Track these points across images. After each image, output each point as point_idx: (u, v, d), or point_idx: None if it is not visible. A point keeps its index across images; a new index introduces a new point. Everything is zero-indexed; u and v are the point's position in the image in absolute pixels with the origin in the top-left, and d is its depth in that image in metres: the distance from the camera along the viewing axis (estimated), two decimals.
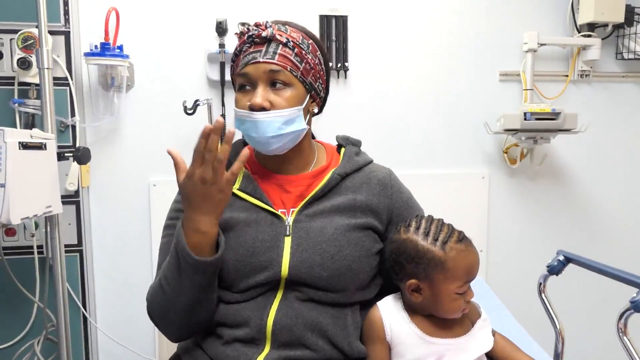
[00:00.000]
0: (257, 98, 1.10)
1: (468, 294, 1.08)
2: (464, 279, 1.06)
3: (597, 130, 2.46)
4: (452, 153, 2.41)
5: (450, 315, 1.09)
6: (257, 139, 1.13)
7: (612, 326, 1.36)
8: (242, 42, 1.14)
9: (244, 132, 1.14)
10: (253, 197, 1.16)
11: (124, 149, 2.15)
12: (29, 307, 2.04)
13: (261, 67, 1.11)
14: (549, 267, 1.61)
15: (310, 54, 1.17)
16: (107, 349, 2.19)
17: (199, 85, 2.17)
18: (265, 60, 1.11)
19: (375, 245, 1.17)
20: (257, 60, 1.11)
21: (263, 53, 1.11)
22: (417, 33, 2.32)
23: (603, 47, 2.39)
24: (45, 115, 1.69)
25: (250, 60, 1.12)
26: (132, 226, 2.17)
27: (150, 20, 2.11)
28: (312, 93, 1.18)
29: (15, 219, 1.41)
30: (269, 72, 1.11)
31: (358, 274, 1.13)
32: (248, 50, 1.13)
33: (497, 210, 2.47)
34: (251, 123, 1.12)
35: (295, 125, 1.13)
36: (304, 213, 1.15)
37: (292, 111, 1.13)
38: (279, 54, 1.11)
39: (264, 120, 1.10)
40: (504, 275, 2.47)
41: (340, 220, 1.14)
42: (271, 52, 1.11)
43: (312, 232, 1.12)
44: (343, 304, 1.13)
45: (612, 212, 2.58)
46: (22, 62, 1.85)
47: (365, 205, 1.17)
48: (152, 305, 1.16)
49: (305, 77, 1.15)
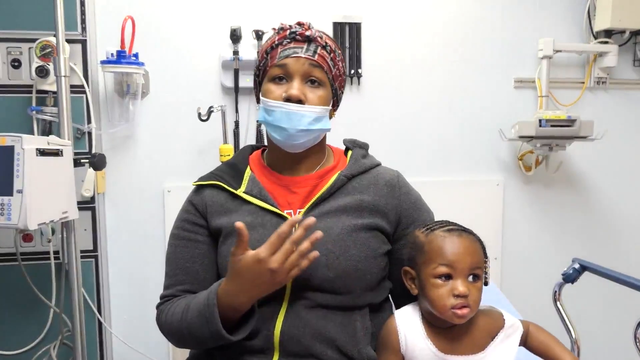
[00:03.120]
0: (294, 90, 1.13)
1: (455, 287, 1.03)
2: (439, 261, 1.04)
3: (614, 138, 2.43)
4: (467, 160, 2.39)
5: (442, 312, 1.04)
6: (288, 130, 1.13)
7: (628, 335, 1.34)
8: (281, 36, 1.16)
9: (272, 122, 1.15)
10: (259, 199, 1.16)
11: (139, 155, 2.17)
12: (45, 312, 2.06)
13: (302, 61, 1.14)
14: (564, 275, 1.59)
15: (340, 62, 1.21)
16: (122, 354, 2.20)
17: (213, 92, 2.18)
18: (307, 56, 1.14)
19: (383, 246, 1.16)
20: (298, 55, 1.14)
21: (305, 50, 1.14)
22: (430, 40, 2.32)
23: (620, 54, 2.37)
24: (62, 122, 1.71)
25: (291, 53, 1.14)
26: (146, 232, 2.18)
27: (165, 28, 2.13)
28: (334, 99, 1.21)
29: (32, 224, 1.43)
30: (309, 66, 1.14)
31: (365, 274, 1.12)
32: (288, 45, 1.15)
33: (512, 217, 2.45)
34: (284, 114, 1.13)
35: (322, 124, 1.16)
36: (311, 214, 1.14)
37: (322, 109, 1.16)
38: (319, 54, 1.15)
39: (298, 112, 1.13)
40: (519, 283, 2.45)
41: (346, 220, 1.14)
42: (312, 50, 1.15)
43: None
44: (351, 307, 1.12)
45: (628, 220, 2.54)
46: (40, 70, 1.88)
47: (373, 205, 1.17)
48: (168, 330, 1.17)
49: (334, 81, 1.19)
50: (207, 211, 1.20)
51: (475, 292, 1.05)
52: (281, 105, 1.13)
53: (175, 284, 1.20)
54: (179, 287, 1.19)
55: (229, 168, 1.25)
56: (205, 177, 1.25)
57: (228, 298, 1.03)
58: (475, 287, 1.05)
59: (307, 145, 1.18)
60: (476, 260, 1.06)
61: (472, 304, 1.04)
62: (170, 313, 1.15)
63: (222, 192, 1.21)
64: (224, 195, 1.20)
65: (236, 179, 1.22)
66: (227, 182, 1.21)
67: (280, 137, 1.16)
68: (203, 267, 1.19)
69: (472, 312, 1.05)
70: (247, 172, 1.23)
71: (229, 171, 1.24)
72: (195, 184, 1.25)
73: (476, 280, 1.05)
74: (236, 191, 1.19)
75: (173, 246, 1.23)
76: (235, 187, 1.19)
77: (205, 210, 1.20)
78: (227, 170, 1.25)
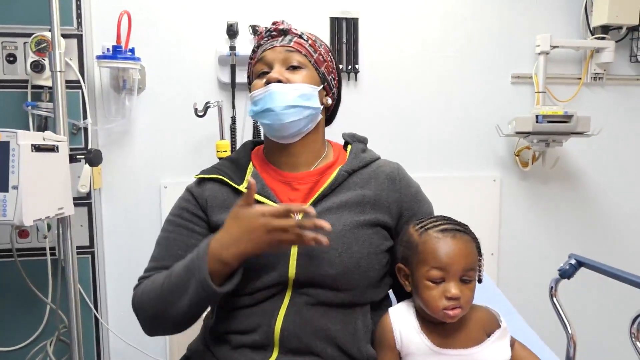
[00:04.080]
0: (273, 73, 1.15)
1: (447, 289, 1.03)
2: (432, 264, 1.04)
3: (610, 134, 2.44)
4: (464, 156, 2.39)
5: (434, 312, 1.04)
6: (274, 110, 1.14)
7: (624, 331, 1.34)
8: (260, 37, 1.23)
9: (259, 110, 1.16)
10: (260, 195, 1.16)
11: (136, 151, 2.16)
12: (42, 309, 2.05)
13: (277, 50, 1.18)
14: (560, 270, 1.59)
15: (323, 49, 1.22)
16: (119, 350, 2.20)
17: (209, 87, 2.18)
18: (283, 44, 1.18)
19: (385, 243, 1.16)
20: (274, 46, 1.19)
21: (280, 40, 1.19)
22: (428, 35, 2.31)
23: (617, 50, 2.37)
24: (57, 117, 1.71)
25: (267, 47, 1.19)
26: (143, 228, 2.18)
27: (161, 24, 2.12)
28: (325, 85, 1.21)
29: (28, 220, 1.42)
30: (286, 53, 1.17)
31: (367, 271, 1.12)
32: (266, 42, 1.21)
33: (509, 213, 2.45)
34: (267, 95, 1.14)
35: (310, 102, 1.17)
36: None
37: (307, 87, 1.17)
38: (295, 42, 1.19)
39: (279, 91, 1.14)
40: (515, 279, 2.45)
41: (348, 216, 1.14)
42: (287, 39, 1.19)
43: (320, 230, 1.12)
44: (353, 304, 1.12)
45: (624, 215, 2.55)
46: (35, 65, 1.87)
47: (374, 200, 1.17)
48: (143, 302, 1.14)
49: (318, 66, 1.20)
50: (207, 205, 1.19)
51: (468, 292, 1.05)
52: (264, 91, 1.15)
53: (160, 268, 1.17)
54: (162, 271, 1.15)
55: (231, 163, 1.25)
56: (207, 171, 1.24)
57: (219, 249, 1.02)
58: (467, 288, 1.05)
59: (299, 128, 1.17)
60: (470, 262, 1.05)
61: (464, 304, 1.04)
62: (149, 284, 1.13)
63: (223, 187, 1.20)
64: (226, 191, 1.20)
65: (239, 175, 1.21)
66: (229, 177, 1.20)
67: (269, 120, 1.15)
68: None
69: (464, 312, 1.06)
70: (249, 168, 1.23)
71: (232, 166, 1.24)
72: (197, 176, 1.24)
73: (469, 282, 1.06)
74: (239, 187, 1.18)
75: (167, 231, 1.21)
76: (237, 182, 1.19)
77: (205, 204, 1.20)
78: (229, 165, 1.24)
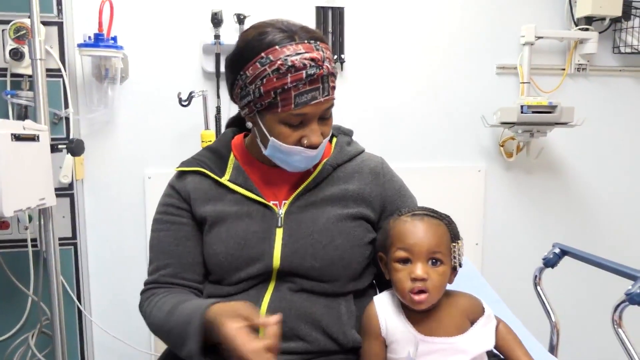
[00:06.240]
0: (317, 137, 1.09)
1: (412, 270, 1.03)
2: (397, 245, 1.06)
3: (594, 124, 2.45)
4: (449, 146, 2.40)
5: (403, 295, 1.05)
6: (299, 167, 1.13)
7: (607, 318, 1.36)
8: (295, 79, 1.02)
9: (286, 160, 1.12)
10: (244, 188, 1.16)
11: (119, 141, 2.13)
12: (24, 301, 2.03)
13: (322, 106, 1.08)
14: (544, 259, 1.61)
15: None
16: (102, 342, 2.18)
17: (194, 76, 2.15)
18: (326, 98, 1.07)
19: (368, 235, 1.17)
20: (318, 100, 1.06)
21: (321, 90, 1.06)
22: (414, 25, 2.31)
23: (600, 41, 2.39)
24: (38, 106, 1.68)
25: (309, 100, 1.05)
26: (127, 219, 2.16)
27: (144, 11, 2.09)
28: None
29: (8, 211, 1.40)
30: (325, 109, 1.10)
31: (350, 263, 1.13)
32: (305, 88, 1.04)
33: (493, 203, 2.47)
34: (303, 157, 1.11)
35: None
36: (296, 204, 1.15)
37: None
38: (332, 87, 1.09)
39: (317, 156, 1.12)
40: (500, 268, 2.47)
41: (332, 210, 1.14)
42: (327, 87, 1.07)
43: (304, 223, 1.12)
44: (336, 293, 1.13)
45: (607, 205, 2.58)
46: (14, 53, 1.83)
47: (357, 194, 1.17)
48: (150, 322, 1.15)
49: None
50: (190, 198, 1.18)
51: (436, 276, 1.04)
52: (301, 151, 1.09)
53: (159, 268, 1.18)
54: (162, 272, 1.18)
55: (211, 154, 1.23)
56: (187, 163, 1.22)
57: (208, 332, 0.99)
58: (435, 271, 1.04)
59: None
60: (436, 244, 1.05)
61: (432, 288, 1.03)
62: (156, 307, 1.13)
63: (205, 179, 1.19)
64: (208, 183, 1.19)
65: (220, 166, 1.20)
66: (210, 169, 1.19)
67: (290, 169, 1.14)
68: (187, 250, 1.17)
69: (433, 297, 1.04)
70: (231, 159, 1.21)
71: (212, 157, 1.22)
72: (178, 169, 1.23)
73: (437, 265, 1.05)
74: (221, 179, 1.17)
75: (156, 231, 1.21)
76: (219, 174, 1.18)
77: (189, 197, 1.19)
78: (209, 156, 1.23)
